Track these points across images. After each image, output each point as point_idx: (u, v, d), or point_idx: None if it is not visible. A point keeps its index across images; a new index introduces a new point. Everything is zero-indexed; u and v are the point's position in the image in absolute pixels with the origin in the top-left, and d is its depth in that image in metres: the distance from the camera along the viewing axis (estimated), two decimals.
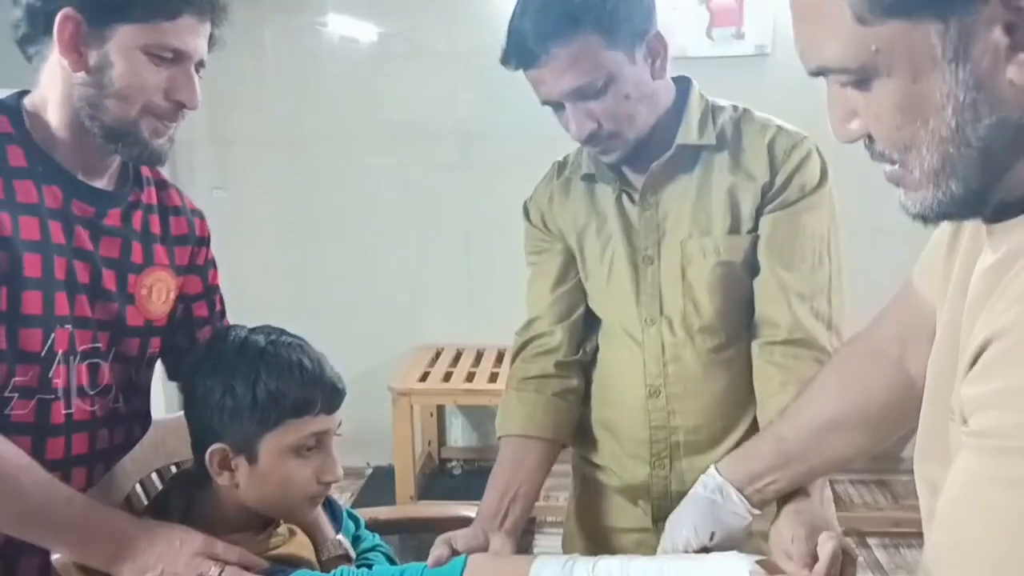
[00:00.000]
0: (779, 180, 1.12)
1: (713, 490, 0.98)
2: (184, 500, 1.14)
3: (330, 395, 1.09)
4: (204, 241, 1.24)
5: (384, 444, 2.70)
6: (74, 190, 1.04)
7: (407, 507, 1.69)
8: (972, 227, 0.67)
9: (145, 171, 1.15)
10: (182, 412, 1.33)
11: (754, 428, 1.15)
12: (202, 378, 1.08)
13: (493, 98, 2.97)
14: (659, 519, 1.20)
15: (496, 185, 3.03)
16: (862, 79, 0.58)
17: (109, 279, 1.07)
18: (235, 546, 1.03)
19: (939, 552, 0.57)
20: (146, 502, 1.24)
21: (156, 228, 1.15)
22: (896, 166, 0.60)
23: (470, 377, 2.76)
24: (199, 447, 1.09)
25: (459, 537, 1.06)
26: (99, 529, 0.99)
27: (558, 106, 1.10)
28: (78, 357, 1.04)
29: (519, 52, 1.06)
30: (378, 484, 2.94)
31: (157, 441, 1.30)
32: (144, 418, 1.21)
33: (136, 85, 1.00)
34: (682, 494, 1.18)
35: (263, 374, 1.05)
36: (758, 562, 0.89)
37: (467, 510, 1.57)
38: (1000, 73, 0.53)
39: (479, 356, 3.00)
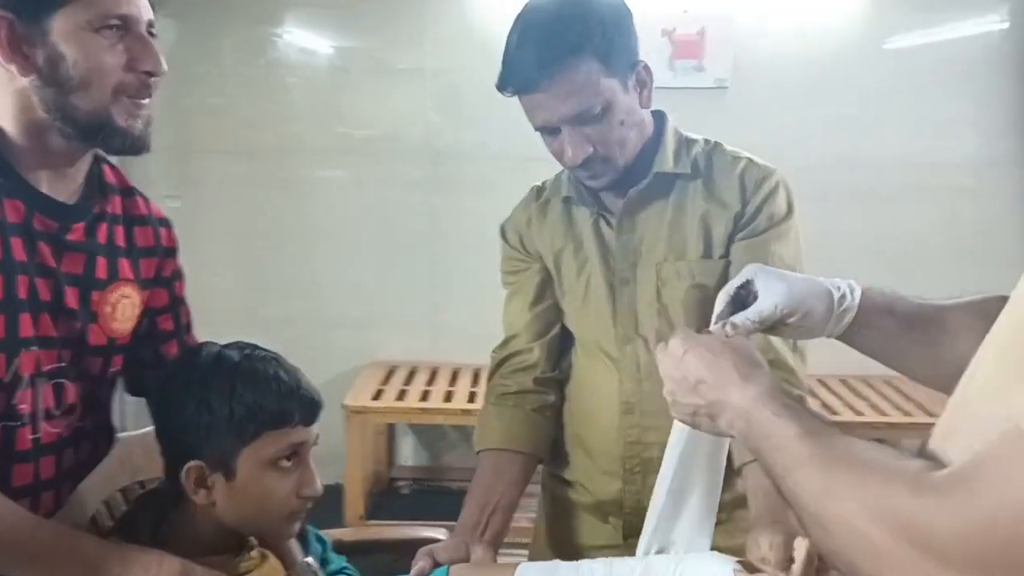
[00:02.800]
0: (750, 209, 1.18)
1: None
2: (154, 520, 1.12)
3: (308, 407, 1.08)
4: (171, 252, 1.18)
5: (333, 462, 2.65)
6: (36, 204, 0.97)
7: (371, 528, 1.68)
8: None
9: (110, 179, 1.09)
10: (146, 428, 1.31)
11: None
12: (175, 394, 1.06)
13: (461, 117, 2.99)
14: (630, 535, 1.23)
15: (461, 204, 3.06)
16: None
17: (72, 297, 1.01)
18: (214, 570, 1.01)
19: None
20: (111, 523, 1.21)
21: (121, 240, 1.09)
22: None
23: (425, 396, 2.75)
24: (172, 465, 1.07)
25: (440, 549, 1.08)
26: (70, 556, 0.95)
27: (553, 131, 1.13)
28: (44, 379, 0.99)
29: (520, 78, 1.10)
30: (325, 504, 2.86)
31: (121, 459, 1.26)
32: (108, 434, 1.18)
33: (96, 68, 0.92)
34: None
35: (239, 388, 1.04)
36: (738, 562, 0.93)
37: (432, 531, 1.58)
38: None
39: (434, 374, 2.99)
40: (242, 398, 1.03)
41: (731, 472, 1.22)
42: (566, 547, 1.30)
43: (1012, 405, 0.51)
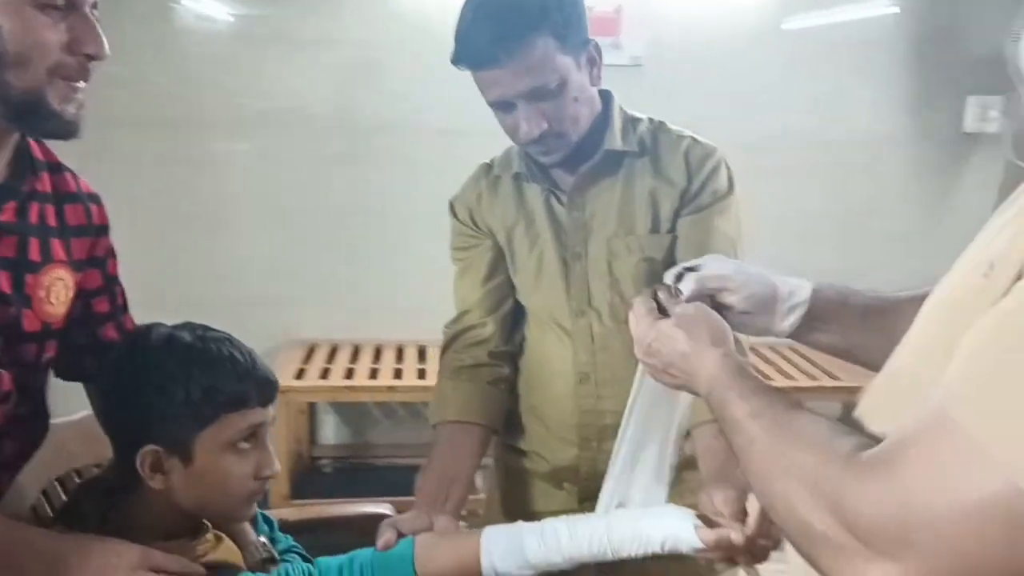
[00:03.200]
0: (694, 186, 1.22)
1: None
2: (99, 509, 1.08)
3: (264, 387, 1.07)
4: (103, 230, 1.12)
5: None
6: None
7: (315, 507, 1.66)
8: None
9: (37, 154, 1.03)
10: (80, 414, 1.26)
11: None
12: (126, 379, 1.02)
13: (381, 91, 2.94)
14: (584, 500, 1.27)
15: (380, 180, 3.01)
16: None
17: (5, 281, 0.96)
18: (174, 555, 0.99)
19: (961, 386, 0.52)
20: (52, 513, 1.16)
21: (52, 220, 1.03)
22: None
23: (349, 374, 2.72)
24: (124, 451, 1.03)
25: (404, 520, 1.09)
26: (24, 550, 0.91)
27: (507, 107, 1.14)
28: None
29: (476, 53, 1.10)
30: None
31: (56, 447, 1.21)
32: (43, 421, 1.12)
33: (35, 45, 0.86)
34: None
35: (195, 371, 1.01)
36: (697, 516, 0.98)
37: (378, 507, 1.58)
38: None
39: (356, 352, 2.96)
40: (198, 381, 1.01)
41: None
42: (521, 515, 1.32)
43: (939, 386, 0.53)
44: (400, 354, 2.96)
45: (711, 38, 3.00)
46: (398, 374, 2.74)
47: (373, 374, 2.73)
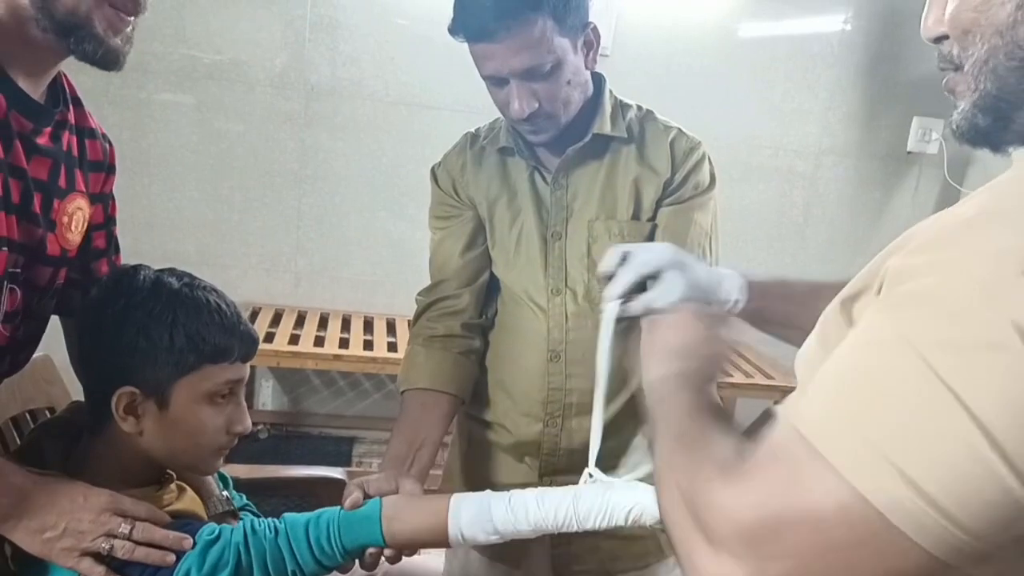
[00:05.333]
0: (678, 177, 1.25)
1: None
2: (60, 451, 1.06)
3: (247, 343, 1.07)
4: (112, 169, 1.14)
5: None
6: (15, 100, 0.91)
7: (268, 467, 1.65)
8: None
9: (66, 87, 1.04)
10: (36, 356, 1.22)
11: (638, 394, 1.27)
12: (110, 318, 1.00)
13: (338, 53, 2.89)
14: (545, 474, 1.30)
15: (332, 144, 2.96)
16: None
17: (37, 202, 0.96)
18: (143, 501, 0.98)
19: (806, 402, 0.54)
20: (6, 454, 1.13)
21: (76, 151, 1.04)
22: (954, 71, 0.61)
23: (294, 339, 2.68)
24: (98, 390, 1.01)
25: (371, 481, 1.08)
26: None
27: (500, 82, 1.14)
28: (6, 280, 0.93)
29: (475, 26, 1.10)
30: None
31: (11, 387, 1.18)
32: (32, 350, 1.11)
33: None
34: (570, 451, 1.29)
35: (181, 316, 1.00)
36: None
37: (332, 472, 1.58)
38: None
39: (301, 319, 2.92)
40: (183, 327, 1.00)
41: (640, 419, 1.31)
42: (481, 486, 1.33)
43: (795, 406, 0.55)
44: (346, 324, 2.94)
45: (672, 34, 3.05)
46: (344, 343, 2.72)
47: (319, 342, 2.70)
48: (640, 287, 0.95)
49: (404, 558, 1.06)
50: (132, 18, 0.93)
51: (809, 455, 0.50)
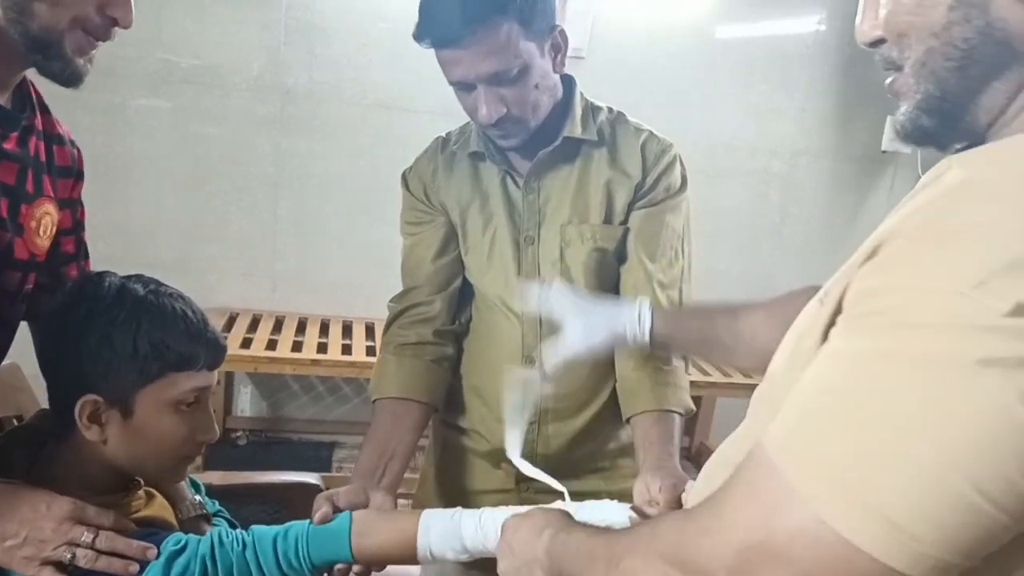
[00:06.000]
0: (649, 180, 1.24)
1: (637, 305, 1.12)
2: (26, 459, 1.05)
3: (214, 351, 1.05)
4: (81, 175, 1.16)
5: None
6: None
7: (241, 474, 1.63)
8: None
9: (33, 93, 1.04)
10: (3, 364, 1.21)
11: (612, 399, 1.27)
12: (73, 324, 0.99)
13: (314, 57, 2.88)
14: (521, 480, 1.29)
15: (309, 147, 2.95)
16: None
17: (3, 207, 0.96)
18: (108, 509, 0.97)
19: (782, 429, 0.54)
20: None
21: (43, 156, 1.05)
22: (896, 71, 0.62)
23: (272, 345, 2.67)
24: (62, 398, 1.00)
25: (341, 494, 1.08)
26: None
27: (468, 87, 1.14)
28: None
29: (441, 31, 1.09)
30: None
31: None
32: (2, 354, 1.11)
33: None
34: (546, 456, 1.29)
35: (144, 324, 0.99)
36: (631, 508, 1.01)
37: (307, 477, 1.57)
38: None
39: (279, 324, 2.90)
40: (147, 334, 0.99)
41: (616, 423, 1.31)
42: (456, 491, 1.34)
43: (767, 431, 0.55)
44: (324, 329, 2.92)
45: (649, 37, 3.07)
46: (322, 348, 2.70)
47: (297, 347, 2.68)
48: None
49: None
50: (100, 42, 0.95)
51: (779, 482, 0.51)
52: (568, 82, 1.26)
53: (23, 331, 1.12)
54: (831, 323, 0.56)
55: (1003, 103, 0.57)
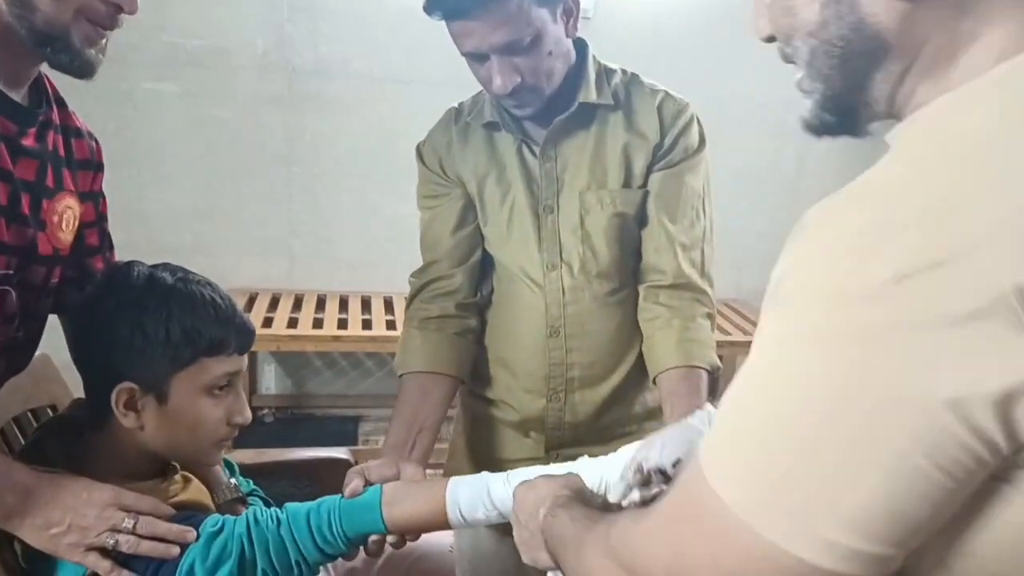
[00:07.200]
0: (667, 141, 1.23)
1: (702, 420, 0.96)
2: (63, 449, 1.07)
3: (243, 335, 1.07)
4: (101, 167, 1.15)
5: None
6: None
7: (272, 451, 1.65)
8: None
9: (49, 88, 1.04)
10: (37, 355, 1.22)
11: (639, 363, 1.28)
12: (105, 315, 1.01)
13: (319, 34, 2.86)
14: (551, 448, 1.31)
15: (319, 125, 2.94)
16: None
17: (25, 203, 0.97)
18: (146, 495, 0.99)
19: (712, 431, 0.55)
20: (9, 452, 1.14)
21: (62, 150, 1.05)
22: (799, 71, 0.62)
23: (292, 323, 2.69)
24: (97, 388, 1.02)
25: (371, 468, 1.09)
26: (3, 481, 0.90)
27: (481, 58, 1.12)
28: None
29: (452, 3, 1.08)
30: None
31: (12, 387, 1.18)
32: (32, 349, 1.12)
33: None
34: (574, 425, 1.29)
35: (176, 311, 1.01)
36: None
37: (337, 452, 1.59)
38: None
39: (298, 302, 2.92)
40: (179, 321, 1.00)
41: (641, 387, 1.32)
42: (486, 462, 1.35)
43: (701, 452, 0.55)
44: (343, 304, 2.94)
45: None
46: (342, 324, 2.72)
47: (317, 324, 2.70)
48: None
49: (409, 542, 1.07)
50: (108, 31, 0.95)
51: (707, 493, 0.51)
52: (581, 46, 1.24)
53: (53, 322, 1.14)
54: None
55: (889, 90, 0.58)
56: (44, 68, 1.00)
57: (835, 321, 0.46)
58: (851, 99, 0.59)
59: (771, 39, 0.64)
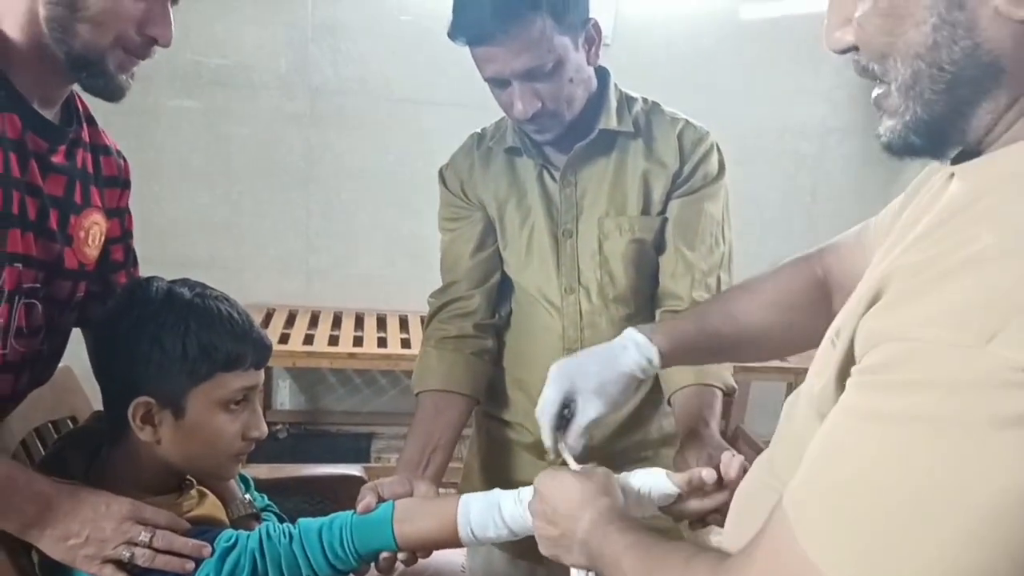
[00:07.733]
0: (687, 169, 1.24)
1: (628, 340, 1.01)
2: (83, 460, 1.08)
3: (260, 350, 1.08)
4: (127, 184, 1.18)
5: None
6: (31, 121, 0.95)
7: (287, 467, 1.66)
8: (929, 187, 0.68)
9: (79, 107, 1.07)
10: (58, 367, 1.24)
11: (655, 388, 1.28)
12: (124, 329, 1.02)
13: (339, 53, 2.90)
14: None
15: (339, 142, 2.98)
16: None
17: (54, 218, 0.99)
18: (163, 509, 1.00)
19: (801, 492, 0.53)
20: (30, 463, 1.15)
21: (91, 167, 1.08)
22: (881, 87, 0.60)
23: (308, 340, 2.71)
24: (116, 401, 1.03)
25: (385, 485, 1.09)
26: (23, 491, 0.92)
27: (503, 83, 1.14)
28: (21, 296, 0.96)
29: (474, 29, 1.09)
30: None
31: (34, 398, 1.20)
32: (55, 362, 1.13)
33: (112, 12, 0.93)
34: (591, 448, 1.29)
35: (193, 326, 1.02)
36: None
37: (351, 469, 1.59)
38: None
39: (315, 318, 2.94)
40: (196, 336, 1.01)
41: (657, 412, 1.32)
42: (501, 483, 1.33)
43: (788, 488, 0.54)
44: (359, 322, 2.95)
45: (673, 23, 3.05)
46: (357, 341, 2.74)
47: (333, 341, 2.72)
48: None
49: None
50: (140, 61, 0.98)
51: (800, 559, 0.50)
52: (602, 74, 1.26)
53: (75, 335, 1.16)
54: (844, 367, 0.55)
55: (990, 121, 0.55)
56: (75, 87, 1.03)
57: (964, 410, 0.44)
58: (948, 125, 0.57)
59: (847, 51, 0.61)
